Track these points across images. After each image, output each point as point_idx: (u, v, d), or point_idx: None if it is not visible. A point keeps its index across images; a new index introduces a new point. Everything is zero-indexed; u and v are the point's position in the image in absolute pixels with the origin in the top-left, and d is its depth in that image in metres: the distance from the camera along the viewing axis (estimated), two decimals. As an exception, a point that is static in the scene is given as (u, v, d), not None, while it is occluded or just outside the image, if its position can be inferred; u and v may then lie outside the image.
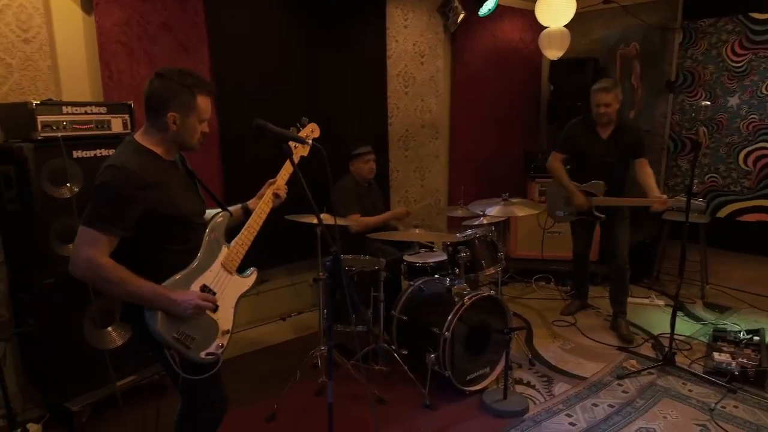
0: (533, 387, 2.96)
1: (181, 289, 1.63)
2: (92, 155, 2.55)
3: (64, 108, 2.47)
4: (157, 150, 1.67)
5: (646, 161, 3.45)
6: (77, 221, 1.62)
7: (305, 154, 2.05)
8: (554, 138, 5.06)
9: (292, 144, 1.96)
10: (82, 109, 2.54)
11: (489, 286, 4.11)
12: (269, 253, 3.61)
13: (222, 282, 1.76)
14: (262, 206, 1.90)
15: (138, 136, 1.68)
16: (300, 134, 2.05)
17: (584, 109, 4.56)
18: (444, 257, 3.25)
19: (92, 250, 1.51)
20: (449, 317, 2.75)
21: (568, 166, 3.69)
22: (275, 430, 2.59)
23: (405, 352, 3.00)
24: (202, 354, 1.66)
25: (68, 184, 2.47)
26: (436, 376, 2.82)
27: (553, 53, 4.39)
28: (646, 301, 4.14)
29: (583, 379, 3.04)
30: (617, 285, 3.62)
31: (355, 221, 3.40)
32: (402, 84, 4.53)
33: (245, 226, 1.86)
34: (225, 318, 1.76)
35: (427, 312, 2.99)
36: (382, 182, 4.29)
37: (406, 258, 3.36)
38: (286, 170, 1.99)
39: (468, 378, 2.88)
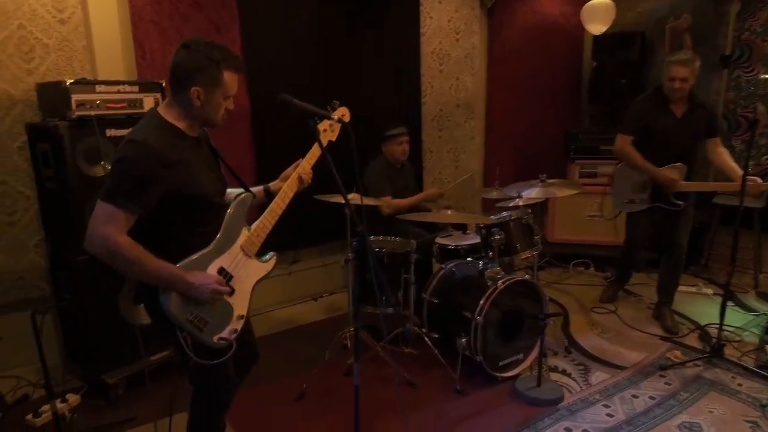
0: (569, 375, 2.86)
1: (197, 271, 1.59)
2: (125, 134, 2.55)
3: (97, 87, 2.50)
4: (180, 125, 1.64)
5: (719, 141, 3.20)
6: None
7: (333, 138, 1.99)
8: (597, 118, 4.86)
9: (321, 127, 1.93)
10: (115, 88, 2.57)
11: (524, 271, 3.99)
12: (300, 234, 3.63)
13: (240, 265, 1.72)
14: (285, 190, 1.85)
15: (161, 110, 1.65)
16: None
17: (629, 87, 4.36)
18: (477, 240, 3.16)
19: (109, 227, 1.48)
20: (481, 301, 2.67)
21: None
22: (303, 409, 2.60)
23: (436, 336, 2.95)
24: (215, 338, 1.63)
25: (102, 163, 2.51)
26: (467, 360, 2.76)
27: (596, 28, 4.17)
28: (693, 289, 3.93)
29: (622, 368, 2.91)
30: (671, 274, 3.40)
31: (386, 203, 3.34)
32: (436, 62, 4.40)
33: (267, 210, 1.81)
34: (241, 302, 1.72)
35: (458, 295, 2.92)
36: (415, 163, 4.21)
37: (438, 240, 3.29)
38: (313, 153, 1.93)
39: (500, 364, 2.81)
